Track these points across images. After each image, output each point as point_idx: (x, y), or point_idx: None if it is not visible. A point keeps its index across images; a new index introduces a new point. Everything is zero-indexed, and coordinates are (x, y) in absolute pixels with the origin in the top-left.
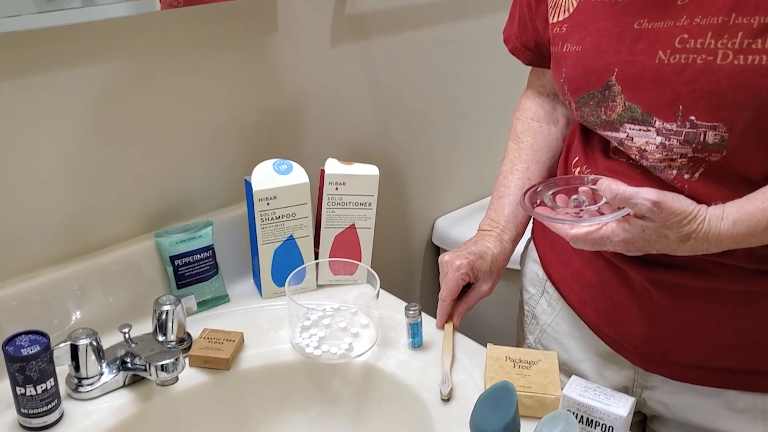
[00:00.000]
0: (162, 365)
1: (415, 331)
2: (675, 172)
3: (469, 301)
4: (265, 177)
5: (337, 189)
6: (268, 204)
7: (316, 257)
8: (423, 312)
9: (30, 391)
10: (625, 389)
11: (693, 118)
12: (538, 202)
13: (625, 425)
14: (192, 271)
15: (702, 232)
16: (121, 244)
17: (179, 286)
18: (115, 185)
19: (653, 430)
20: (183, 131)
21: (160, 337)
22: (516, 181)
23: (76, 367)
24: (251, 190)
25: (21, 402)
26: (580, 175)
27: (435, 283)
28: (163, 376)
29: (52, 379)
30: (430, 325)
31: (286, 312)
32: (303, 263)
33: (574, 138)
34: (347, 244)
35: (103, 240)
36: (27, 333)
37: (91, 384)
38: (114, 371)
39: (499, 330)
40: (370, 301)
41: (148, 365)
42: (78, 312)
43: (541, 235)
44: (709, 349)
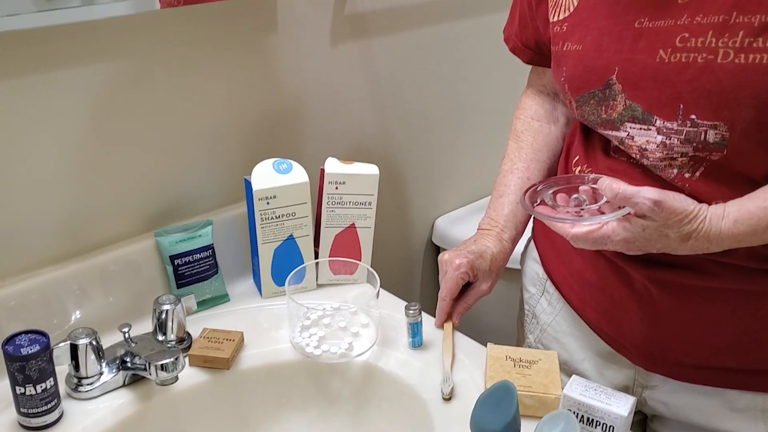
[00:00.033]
0: (162, 365)
1: (415, 330)
2: (676, 171)
3: (469, 301)
4: (265, 176)
5: (337, 188)
6: (268, 203)
7: (316, 257)
8: (423, 311)
9: (29, 390)
10: (626, 389)
11: (694, 117)
12: (539, 201)
13: (625, 425)
14: (192, 271)
15: (703, 231)
16: (120, 244)
17: (179, 286)
18: (114, 184)
19: (654, 429)
20: (183, 131)
21: (160, 337)
22: (516, 180)
23: (76, 367)
24: (251, 190)
25: (20, 401)
26: (581, 174)
27: (435, 283)
28: (162, 375)
29: (52, 379)
30: (430, 324)
31: (286, 311)
32: (303, 263)
33: (574, 137)
34: (347, 243)
35: (103, 239)
36: (26, 332)
37: (91, 383)
38: (114, 371)
39: (499, 329)
40: (370, 300)
41: (147, 365)
42: (78, 311)
43: (542, 234)
44: (710, 348)
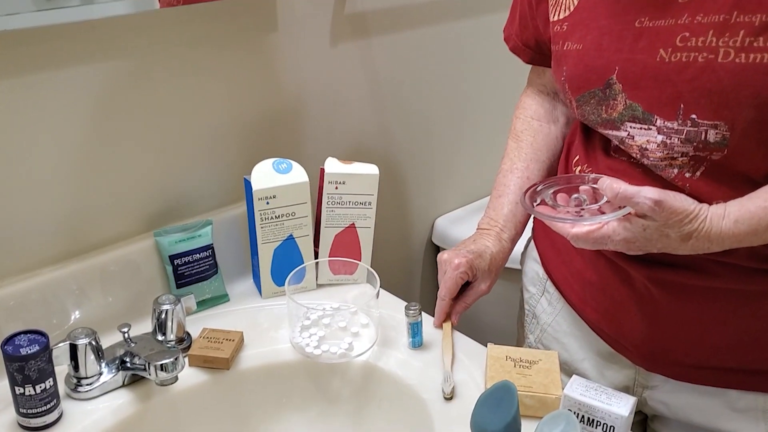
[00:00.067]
0: (161, 365)
1: (415, 330)
2: (676, 171)
3: (468, 300)
4: (265, 176)
5: (336, 188)
6: (268, 203)
7: (316, 257)
8: (423, 311)
9: (29, 390)
10: (626, 389)
11: (694, 116)
12: (539, 201)
13: (626, 425)
14: (191, 271)
15: (703, 231)
16: (120, 244)
17: (179, 286)
18: (114, 184)
19: (654, 429)
20: (182, 130)
21: (160, 337)
22: (515, 180)
23: (75, 367)
24: (251, 190)
25: (20, 402)
26: (581, 173)
27: (435, 283)
28: (162, 375)
29: (51, 379)
30: (430, 324)
31: (286, 311)
32: (303, 263)
33: (574, 137)
34: (347, 243)
35: (103, 239)
36: (26, 332)
37: (90, 384)
38: (113, 371)
39: (499, 329)
40: (370, 300)
41: (147, 365)
42: (77, 311)
43: (542, 234)
44: (710, 348)
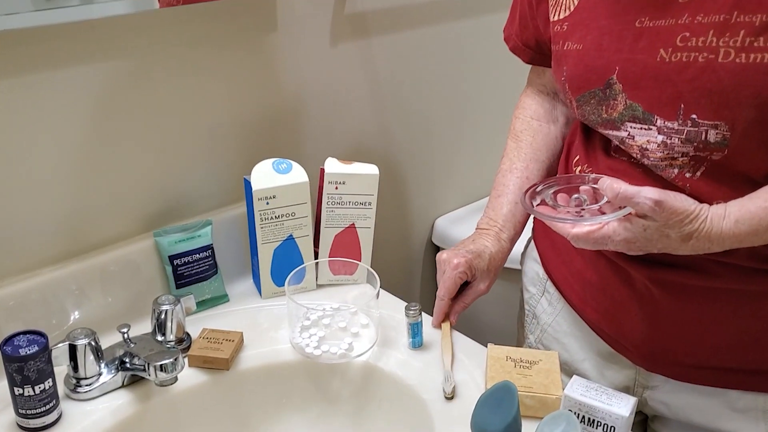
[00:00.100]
0: (161, 365)
1: (415, 330)
2: (676, 171)
3: (467, 300)
4: (265, 176)
5: (336, 188)
6: (268, 203)
7: (316, 257)
8: (423, 312)
9: (28, 391)
10: (627, 389)
11: (694, 116)
12: (539, 201)
13: (626, 425)
14: (191, 271)
15: (704, 231)
16: (120, 244)
17: (178, 286)
18: (113, 184)
19: (654, 430)
20: (182, 130)
21: (159, 337)
22: (514, 180)
23: (75, 368)
24: (251, 190)
25: (19, 402)
26: (581, 174)
27: (435, 283)
28: (162, 376)
29: (51, 380)
30: (430, 325)
31: (286, 312)
32: (303, 263)
33: (575, 137)
34: (347, 243)
35: (102, 239)
36: (25, 333)
37: (90, 384)
38: (113, 371)
39: (499, 330)
40: (370, 300)
41: (147, 365)
42: (76, 312)
43: (542, 234)
44: (711, 348)
